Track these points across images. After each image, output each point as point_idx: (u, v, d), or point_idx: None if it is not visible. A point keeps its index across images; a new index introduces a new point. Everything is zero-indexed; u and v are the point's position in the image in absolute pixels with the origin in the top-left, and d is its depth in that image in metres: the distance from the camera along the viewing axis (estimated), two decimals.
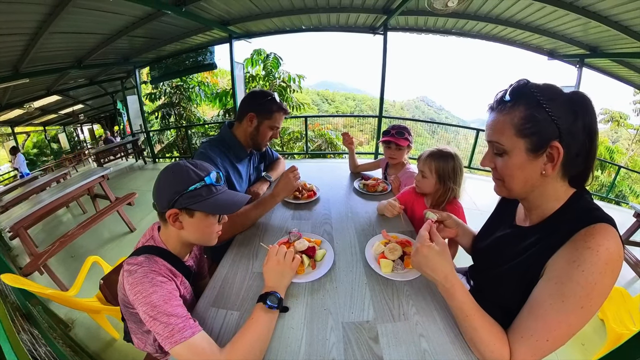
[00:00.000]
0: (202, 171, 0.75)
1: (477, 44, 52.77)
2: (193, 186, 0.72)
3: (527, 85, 0.60)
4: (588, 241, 0.53)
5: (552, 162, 0.59)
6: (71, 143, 11.97)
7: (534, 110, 0.58)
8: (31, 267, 1.99)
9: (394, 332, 0.68)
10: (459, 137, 6.75)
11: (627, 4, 2.70)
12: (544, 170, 0.60)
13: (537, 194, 0.65)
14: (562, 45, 4.12)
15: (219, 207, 0.75)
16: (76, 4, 2.80)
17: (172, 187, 0.72)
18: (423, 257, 0.67)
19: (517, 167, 0.62)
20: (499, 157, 0.65)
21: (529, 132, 0.59)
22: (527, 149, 0.60)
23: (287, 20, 4.39)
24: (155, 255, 0.73)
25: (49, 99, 6.95)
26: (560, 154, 0.57)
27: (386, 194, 1.47)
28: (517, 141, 0.60)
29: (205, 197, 0.73)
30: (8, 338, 0.87)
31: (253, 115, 1.27)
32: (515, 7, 3.42)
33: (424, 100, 60.71)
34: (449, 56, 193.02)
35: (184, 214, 0.73)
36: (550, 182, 0.62)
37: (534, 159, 0.60)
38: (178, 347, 0.58)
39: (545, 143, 0.58)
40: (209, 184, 0.74)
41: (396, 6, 3.60)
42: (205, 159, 1.18)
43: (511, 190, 0.66)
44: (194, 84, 7.99)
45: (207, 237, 0.80)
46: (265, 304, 0.69)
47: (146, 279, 0.65)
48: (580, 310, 0.52)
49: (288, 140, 7.18)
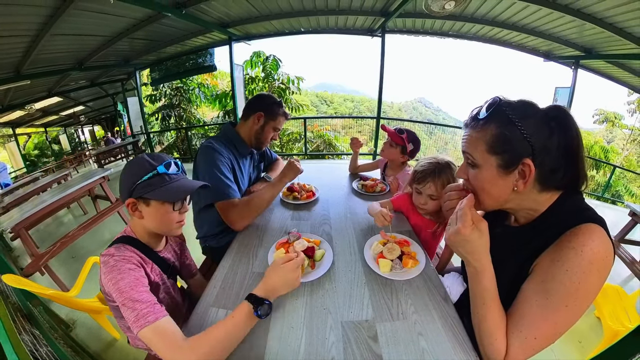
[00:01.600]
0: (156, 161, 0.78)
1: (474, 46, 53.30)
2: (147, 175, 0.75)
3: (499, 104, 0.61)
4: (572, 241, 0.54)
5: (523, 179, 0.59)
6: (72, 144, 11.97)
7: (505, 129, 0.59)
8: (32, 267, 2.00)
9: (393, 331, 0.69)
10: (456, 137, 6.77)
11: (621, 6, 2.73)
12: (515, 186, 0.60)
13: (514, 204, 0.65)
14: (557, 46, 4.16)
15: (168, 194, 0.77)
16: (77, 6, 2.82)
17: (130, 178, 0.76)
18: (464, 239, 0.62)
19: (487, 181, 0.63)
20: (471, 168, 0.66)
21: (500, 150, 0.59)
22: (498, 165, 0.60)
23: (286, 22, 4.41)
24: (125, 244, 0.77)
25: (50, 100, 6.97)
26: (531, 171, 0.57)
27: (384, 194, 1.47)
28: (489, 157, 0.61)
29: (158, 185, 0.76)
30: (9, 338, 0.87)
31: (261, 115, 1.33)
32: (511, 10, 3.45)
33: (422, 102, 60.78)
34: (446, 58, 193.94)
35: (141, 203, 0.77)
36: (527, 195, 0.62)
37: (505, 175, 0.60)
38: (144, 330, 0.60)
39: (516, 160, 0.58)
40: (161, 173, 0.77)
41: (394, 9, 3.63)
42: (212, 151, 1.21)
43: (482, 203, 0.66)
44: (194, 86, 8.00)
45: (166, 226, 0.81)
46: (256, 311, 0.67)
47: (115, 267, 0.68)
48: (565, 308, 0.53)
49: (287, 141, 7.19)
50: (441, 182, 1.06)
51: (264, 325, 0.71)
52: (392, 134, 1.54)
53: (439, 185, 1.06)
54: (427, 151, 7.28)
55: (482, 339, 0.61)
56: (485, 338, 0.60)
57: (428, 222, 1.18)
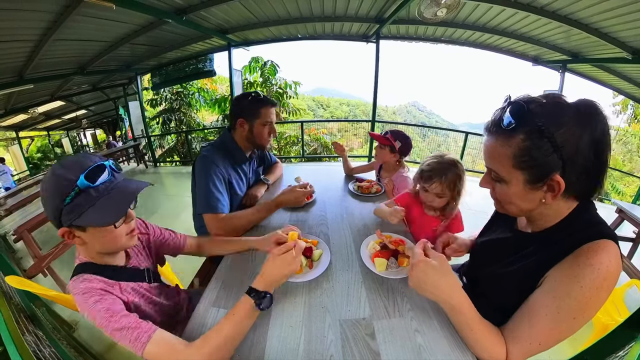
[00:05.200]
0: (74, 172, 0.59)
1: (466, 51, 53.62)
2: (68, 197, 0.59)
3: (528, 109, 0.52)
4: (590, 258, 0.52)
5: (552, 192, 0.55)
6: (74, 147, 12.05)
7: (535, 141, 0.52)
8: (35, 269, 2.01)
9: (390, 328, 0.70)
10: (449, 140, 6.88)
11: (605, 13, 2.80)
12: (543, 198, 0.57)
13: (537, 212, 0.63)
14: (545, 51, 4.26)
15: (101, 215, 0.61)
16: (80, 12, 2.85)
17: (50, 203, 0.60)
18: (421, 272, 0.62)
19: (515, 195, 0.59)
20: (497, 182, 0.62)
21: (527, 165, 0.54)
22: (526, 180, 0.56)
23: (284, 29, 4.48)
24: (84, 273, 0.66)
25: (53, 104, 7.02)
26: (561, 188, 0.53)
27: (380, 195, 1.49)
28: (515, 172, 0.56)
29: (85, 206, 0.60)
30: (13, 339, 0.88)
31: (243, 121, 1.29)
32: (500, 16, 3.55)
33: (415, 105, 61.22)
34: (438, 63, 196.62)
35: (75, 229, 0.63)
36: (552, 205, 0.59)
37: (533, 189, 0.57)
38: (145, 351, 0.58)
39: (545, 176, 0.54)
40: (83, 188, 0.59)
41: (388, 16, 3.72)
42: (209, 162, 1.21)
43: (509, 212, 0.65)
44: (193, 90, 8.07)
45: (115, 245, 0.69)
46: (257, 305, 0.65)
47: (84, 305, 0.61)
48: (572, 320, 0.53)
49: (285, 145, 7.25)
50: (447, 181, 1.08)
51: (263, 324, 0.72)
52: (376, 137, 1.61)
53: (445, 185, 1.08)
54: (421, 153, 7.35)
55: (482, 355, 0.61)
56: (486, 354, 0.61)
57: (431, 219, 1.20)
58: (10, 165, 10.45)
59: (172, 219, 3.21)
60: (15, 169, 10.31)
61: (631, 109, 9.78)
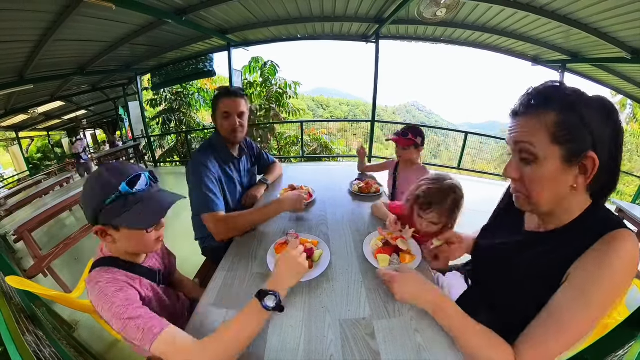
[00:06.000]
0: (119, 177, 0.66)
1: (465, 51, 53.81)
2: (109, 199, 0.64)
3: (560, 88, 0.55)
4: (615, 244, 0.52)
5: (585, 175, 0.54)
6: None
7: (569, 115, 0.52)
8: (35, 269, 2.02)
9: (390, 328, 0.70)
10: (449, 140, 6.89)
11: (605, 13, 2.81)
12: (575, 183, 0.55)
13: (561, 207, 0.60)
14: (545, 51, 4.28)
15: (138, 219, 0.67)
16: (80, 13, 2.86)
17: (91, 202, 0.66)
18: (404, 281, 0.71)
19: (549, 178, 0.55)
20: (527, 165, 0.58)
21: (565, 140, 0.53)
22: (563, 157, 0.53)
23: (284, 29, 4.49)
24: (106, 266, 0.70)
25: (53, 104, 7.02)
26: (595, 165, 0.52)
27: (379, 195, 1.50)
28: (552, 148, 0.54)
29: (124, 210, 0.65)
30: (13, 339, 0.88)
31: (213, 117, 1.34)
32: (500, 16, 3.56)
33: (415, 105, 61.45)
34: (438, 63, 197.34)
35: (110, 228, 0.68)
36: (577, 195, 0.57)
37: (567, 169, 0.54)
38: (155, 344, 0.58)
39: (580, 153, 0.52)
40: (124, 192, 0.65)
41: (387, 16, 3.73)
42: (198, 164, 1.23)
43: (538, 205, 0.59)
44: (193, 91, 8.08)
45: (144, 247, 0.75)
46: (262, 303, 0.65)
47: (102, 294, 0.63)
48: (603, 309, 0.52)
49: (285, 145, 7.26)
50: (445, 210, 1.01)
51: (263, 324, 0.72)
52: (401, 141, 1.58)
53: (443, 214, 1.01)
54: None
55: None
56: None
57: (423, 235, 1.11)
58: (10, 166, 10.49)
59: (173, 219, 3.21)
60: (15, 169, 10.32)
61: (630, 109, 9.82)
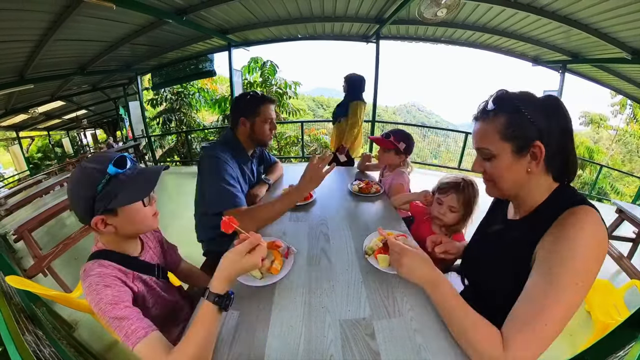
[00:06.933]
0: (102, 163, 0.67)
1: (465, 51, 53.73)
2: (100, 185, 0.65)
3: (506, 94, 0.67)
4: (570, 219, 0.58)
5: (535, 160, 0.64)
6: (74, 147, 12.04)
7: (514, 116, 0.64)
8: (35, 269, 2.02)
9: (390, 328, 0.70)
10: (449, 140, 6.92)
11: (605, 13, 2.81)
12: (529, 168, 0.65)
13: (525, 190, 0.69)
14: (545, 51, 4.28)
15: (134, 194, 0.69)
16: (80, 12, 2.86)
17: (82, 195, 0.66)
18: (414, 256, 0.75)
19: (505, 168, 0.67)
20: (487, 161, 0.70)
21: (512, 136, 0.64)
22: (513, 150, 0.65)
23: (284, 29, 4.50)
24: (100, 259, 0.70)
25: (53, 104, 7.03)
26: (542, 152, 0.62)
27: (379, 195, 1.50)
28: (503, 145, 0.65)
29: (118, 190, 0.67)
30: (13, 339, 0.88)
31: (244, 119, 1.33)
32: (500, 17, 3.57)
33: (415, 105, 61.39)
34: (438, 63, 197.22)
35: (109, 216, 0.68)
36: (535, 178, 0.67)
37: (519, 159, 0.65)
38: (137, 347, 0.59)
39: (528, 143, 0.63)
40: (113, 174, 0.67)
41: (388, 16, 3.73)
42: (218, 160, 1.21)
43: (502, 190, 0.71)
44: (194, 91, 8.09)
45: (144, 225, 0.75)
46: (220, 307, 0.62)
47: (91, 287, 0.63)
48: (575, 286, 0.53)
49: (285, 145, 7.26)
50: (463, 196, 1.13)
51: (263, 324, 0.72)
52: (380, 141, 1.59)
53: (461, 199, 1.14)
54: (421, 153, 7.37)
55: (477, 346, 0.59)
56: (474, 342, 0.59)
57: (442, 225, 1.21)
58: (10, 165, 10.49)
59: (173, 219, 3.20)
60: (15, 169, 10.33)
61: (629, 109, 9.83)
